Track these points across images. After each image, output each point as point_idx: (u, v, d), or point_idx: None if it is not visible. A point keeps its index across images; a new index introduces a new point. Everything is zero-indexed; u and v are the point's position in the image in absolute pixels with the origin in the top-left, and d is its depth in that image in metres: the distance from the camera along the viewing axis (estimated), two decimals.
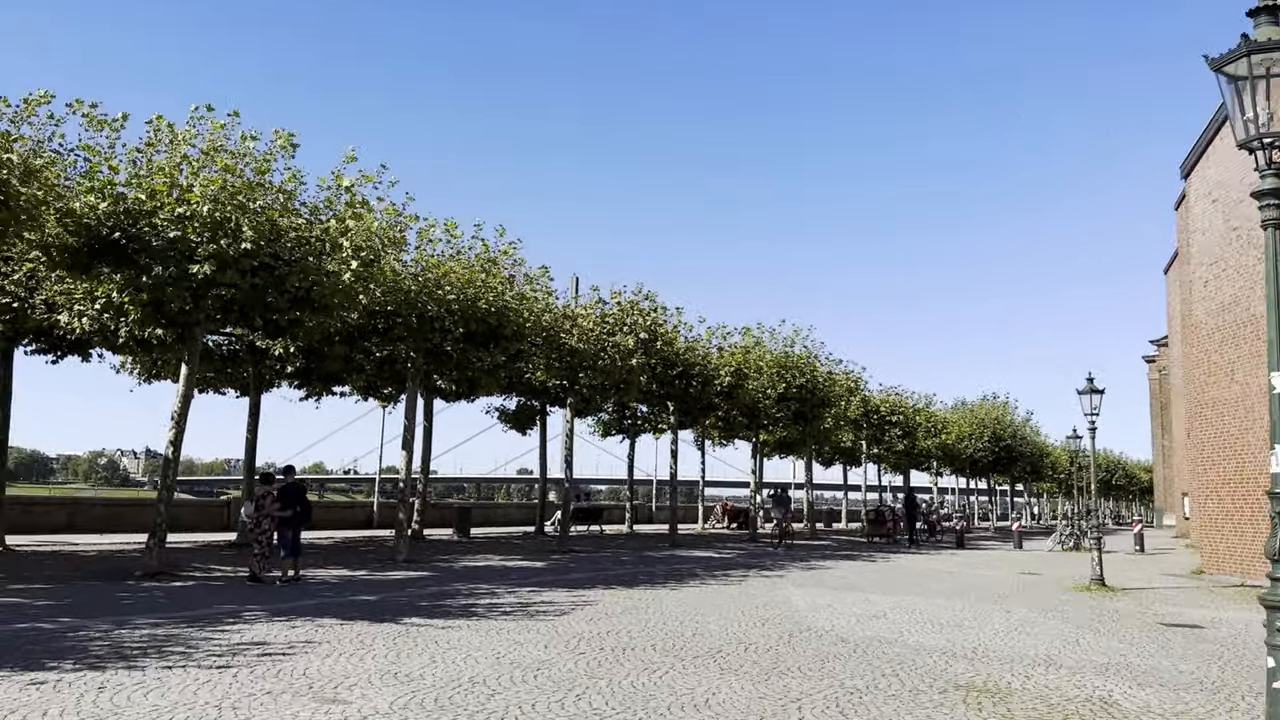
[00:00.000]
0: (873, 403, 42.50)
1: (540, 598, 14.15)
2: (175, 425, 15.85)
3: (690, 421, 31.10)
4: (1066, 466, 76.83)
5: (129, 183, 14.61)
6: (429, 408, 27.22)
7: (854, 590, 16.87)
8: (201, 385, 24.48)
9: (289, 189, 15.48)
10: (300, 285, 15.26)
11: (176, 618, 11.06)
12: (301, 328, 17.14)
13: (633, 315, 24.50)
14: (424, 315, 18.95)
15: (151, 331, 16.23)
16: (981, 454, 53.13)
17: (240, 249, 14.33)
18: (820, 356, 33.79)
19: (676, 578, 18.18)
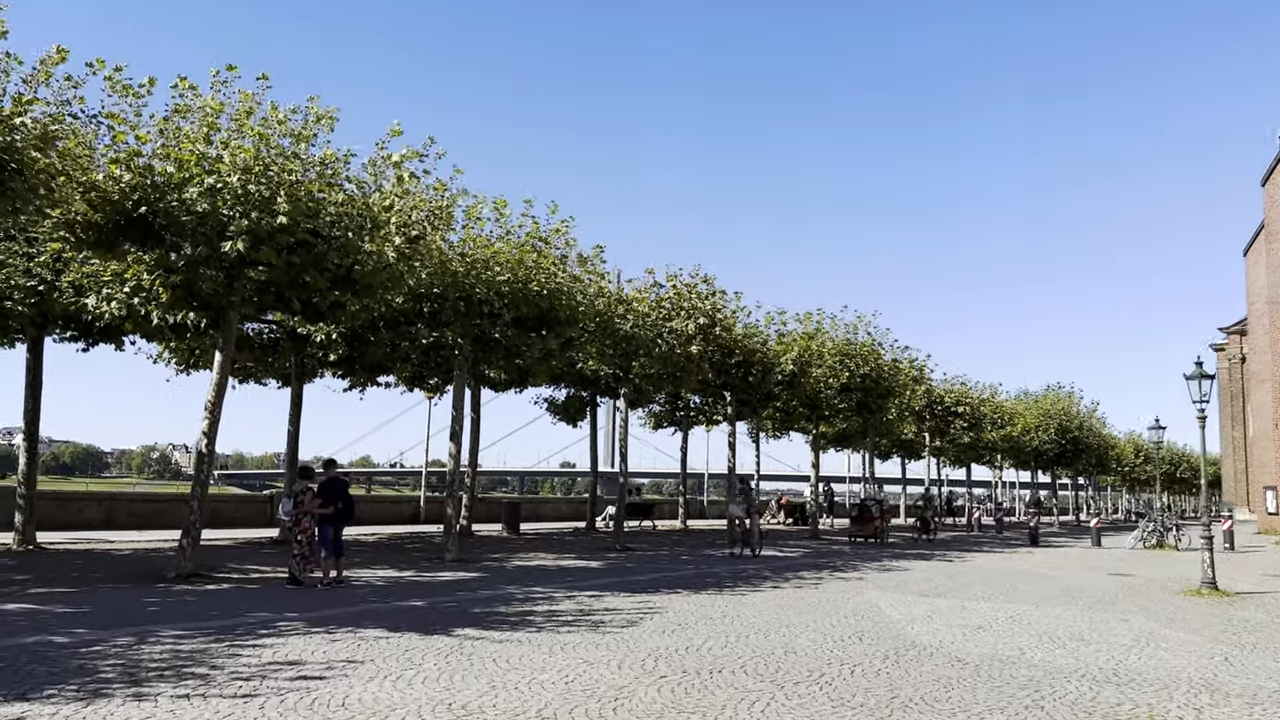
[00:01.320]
0: (936, 393, 40.58)
1: (602, 604, 12.84)
2: (209, 415, 14.78)
3: (749, 413, 29.59)
4: (1131, 459, 74.10)
5: (156, 154, 13.52)
6: (476, 398, 26.06)
7: (944, 596, 15.32)
8: (242, 375, 23.55)
9: (328, 162, 14.29)
10: (340, 264, 14.08)
11: (204, 629, 9.91)
12: (343, 311, 15.99)
13: (691, 299, 23.03)
14: (471, 298, 17.70)
15: (184, 316, 15.16)
16: (1048, 446, 50.90)
17: (275, 224, 13.16)
18: (885, 344, 32.04)
19: (745, 580, 16.76)
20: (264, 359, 22.06)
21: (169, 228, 13.38)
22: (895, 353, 32.91)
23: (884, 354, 31.83)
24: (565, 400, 32.21)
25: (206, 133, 13.53)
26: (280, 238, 13.44)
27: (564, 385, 29.56)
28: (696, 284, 23.51)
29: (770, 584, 16.36)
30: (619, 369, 23.77)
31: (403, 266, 14.88)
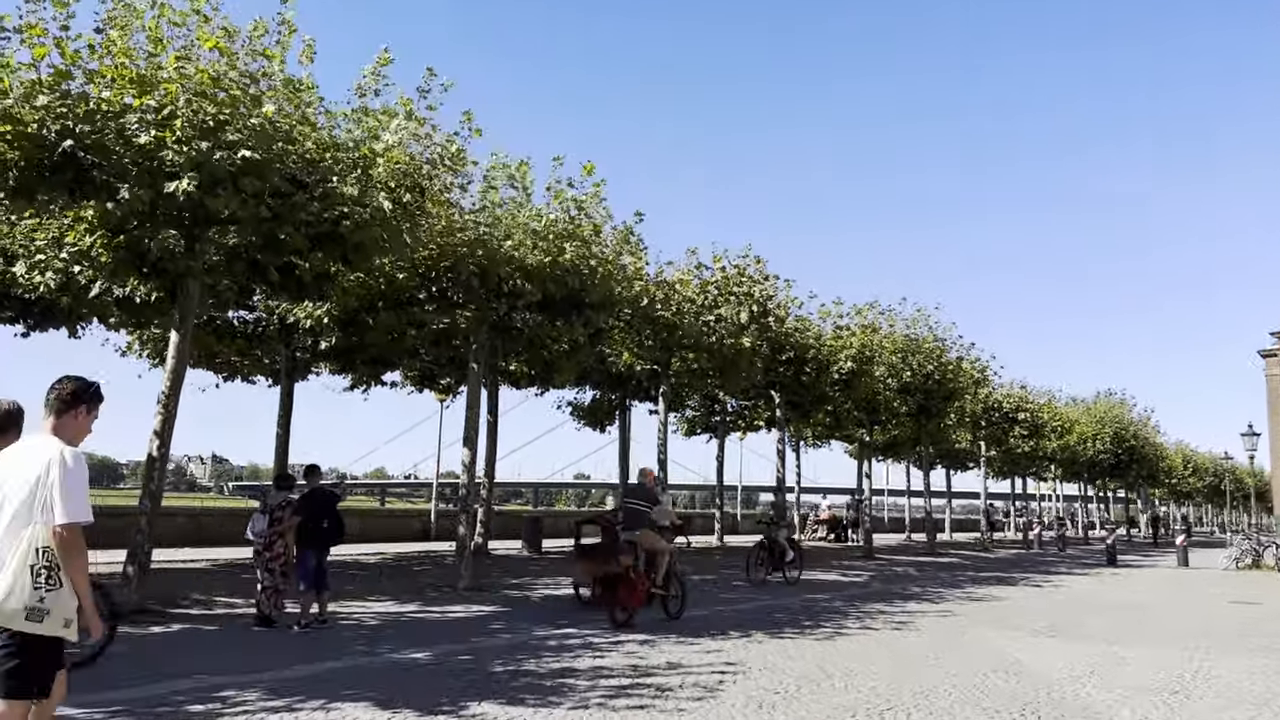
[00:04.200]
0: (994, 398, 37.20)
1: (660, 655, 9.76)
2: (163, 411, 11.82)
3: (800, 416, 26.42)
4: (1180, 471, 70.33)
5: (86, 73, 10.61)
6: (494, 398, 23.03)
7: (1075, 638, 12.16)
8: (227, 372, 20.64)
9: (302, 89, 11.34)
10: (323, 216, 11.10)
11: (111, 704, 6.89)
12: (332, 284, 13.06)
13: (742, 283, 19.89)
14: (488, 274, 14.68)
15: (133, 286, 12.24)
16: (1104, 456, 47.42)
17: (237, 159, 10.21)
18: (949, 340, 28.75)
19: (824, 617, 13.63)
20: (250, 351, 19.12)
21: (102, 167, 10.45)
22: (960, 350, 29.66)
23: (948, 352, 28.62)
24: (592, 403, 29.12)
25: (152, 49, 10.60)
26: (245, 181, 10.49)
27: (590, 385, 26.45)
28: (747, 266, 20.37)
29: (855, 621, 13.22)
30: (656, 364, 20.71)
31: (403, 222, 11.88)
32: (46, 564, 3.88)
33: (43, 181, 10.65)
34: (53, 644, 3.97)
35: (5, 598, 3.83)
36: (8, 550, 3.92)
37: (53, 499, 3.91)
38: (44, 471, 3.95)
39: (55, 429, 4.17)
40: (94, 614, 4.13)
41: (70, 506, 3.92)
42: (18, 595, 3.83)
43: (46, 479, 3.93)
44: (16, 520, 3.95)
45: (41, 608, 3.86)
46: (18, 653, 3.89)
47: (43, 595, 3.86)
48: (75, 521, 3.92)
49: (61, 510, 3.91)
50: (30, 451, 4.08)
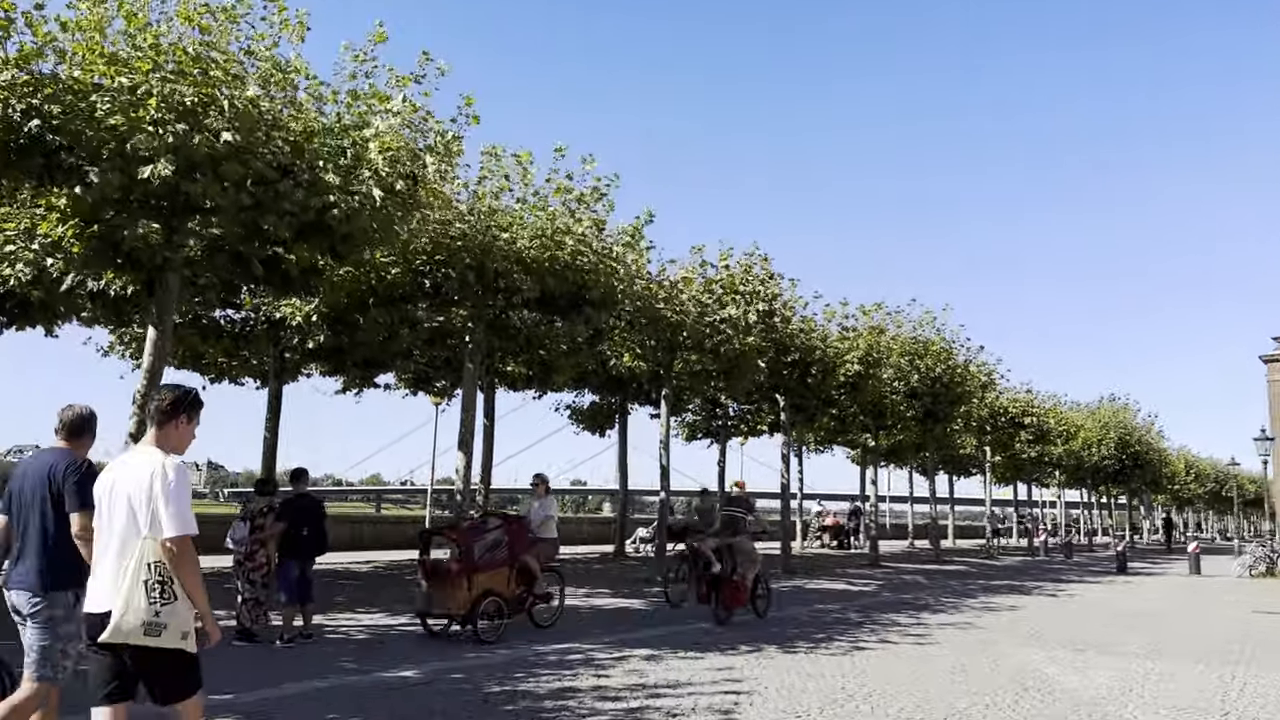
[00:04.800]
0: (1000, 402, 36.52)
1: (667, 672, 9.09)
2: (139, 413, 11.13)
3: (805, 420, 25.73)
4: (1183, 477, 69.72)
5: (59, 52, 9.96)
6: (490, 401, 22.31)
7: (1104, 651, 11.49)
8: (215, 374, 19.95)
9: (291, 70, 10.68)
10: (308, 204, 10.43)
11: None
12: (320, 279, 12.40)
13: (748, 282, 19.20)
14: (484, 269, 14.02)
15: (109, 279, 11.57)
16: (1108, 462, 46.76)
17: (218, 145, 9.56)
18: (957, 343, 28.07)
19: (837, 630, 12.95)
20: (237, 352, 18.41)
21: (71, 150, 9.79)
22: (968, 353, 28.98)
23: (956, 355, 27.94)
24: (591, 407, 28.40)
25: (127, 24, 9.94)
26: (226, 167, 9.84)
27: (589, 388, 25.75)
28: (753, 265, 19.71)
29: (870, 634, 12.55)
30: (659, 366, 20.04)
31: (394, 212, 11.21)
32: (159, 578, 3.91)
33: (8, 165, 9.98)
34: (177, 655, 3.99)
35: (123, 614, 3.85)
36: (120, 565, 3.96)
37: (159, 512, 3.93)
38: (148, 485, 3.97)
39: (158, 440, 4.19)
40: (213, 623, 4.14)
41: (177, 519, 3.94)
42: (134, 611, 3.85)
43: (151, 492, 3.95)
44: (127, 535, 3.99)
45: (158, 622, 3.87)
46: (148, 668, 3.97)
47: (158, 609, 3.87)
48: (184, 534, 3.95)
49: (169, 523, 3.93)
50: (135, 465, 4.09)
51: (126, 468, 4.12)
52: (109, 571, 4.00)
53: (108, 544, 4.06)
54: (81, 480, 4.75)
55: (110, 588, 3.95)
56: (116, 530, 4.03)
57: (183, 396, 4.30)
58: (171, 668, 4.00)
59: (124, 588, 3.88)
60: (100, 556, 4.09)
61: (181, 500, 3.98)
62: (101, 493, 4.16)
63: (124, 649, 3.92)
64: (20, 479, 4.95)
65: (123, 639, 3.87)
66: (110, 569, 4.00)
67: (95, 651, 4.03)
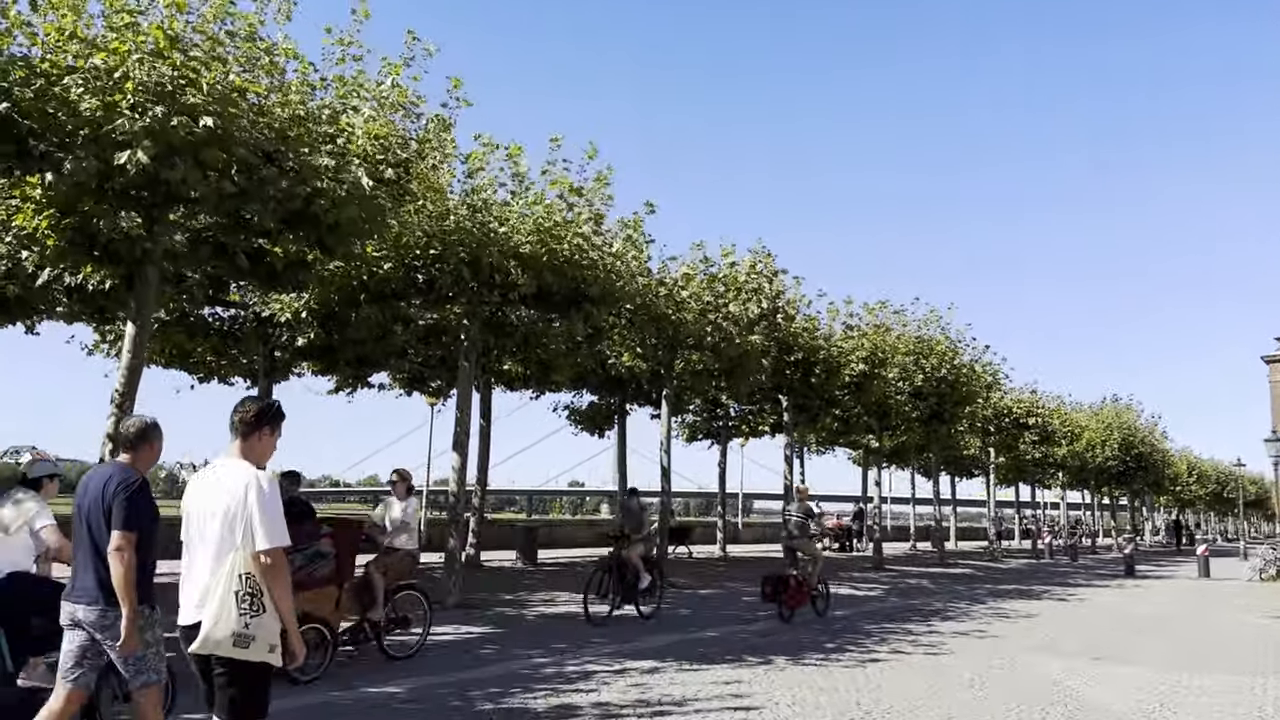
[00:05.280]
0: (1004, 403, 36.00)
1: (671, 686, 8.59)
2: (117, 413, 10.60)
3: (808, 420, 25.22)
4: (1185, 478, 69.25)
5: (33, 40, 9.45)
6: (487, 401, 21.80)
7: (1135, 663, 11.01)
8: (203, 373, 19.42)
9: (274, 51, 10.16)
10: (294, 192, 9.92)
11: None
12: (309, 273, 11.89)
13: (753, 278, 18.67)
14: (480, 263, 13.50)
15: (86, 273, 11.05)
16: (1112, 463, 46.28)
17: (194, 127, 9.04)
18: (963, 343, 27.54)
19: (846, 639, 12.45)
20: (226, 350, 17.88)
21: (43, 135, 9.27)
22: (974, 353, 28.47)
23: (962, 354, 27.43)
24: (590, 407, 27.88)
25: (105, 5, 9.44)
26: (207, 153, 9.32)
27: (588, 388, 25.23)
28: (756, 261, 19.19)
29: (881, 643, 12.05)
30: (660, 365, 19.52)
31: (384, 201, 10.69)
32: (250, 590, 3.93)
33: None
34: (263, 669, 4.00)
35: (214, 625, 3.86)
36: (212, 577, 3.97)
37: (253, 525, 3.96)
38: (240, 497, 4.00)
39: (243, 452, 4.22)
40: (298, 638, 4.18)
41: (270, 531, 3.98)
42: (225, 622, 3.87)
43: (244, 505, 3.98)
44: (220, 547, 4.00)
45: (247, 633, 3.88)
46: (232, 680, 3.96)
47: (248, 621, 3.89)
48: (276, 546, 3.99)
49: (262, 536, 3.96)
50: (223, 477, 4.12)
51: (215, 480, 4.16)
52: (200, 583, 4.03)
53: (197, 556, 4.10)
54: (130, 498, 4.72)
55: (201, 600, 3.99)
56: (209, 542, 4.05)
57: (266, 408, 4.34)
58: (251, 682, 4.00)
59: (215, 599, 3.90)
60: (189, 568, 4.13)
61: (275, 513, 4.03)
62: (189, 505, 4.21)
63: (210, 660, 3.96)
64: (83, 491, 4.95)
65: (211, 649, 3.89)
66: (201, 581, 4.03)
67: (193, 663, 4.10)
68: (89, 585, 4.76)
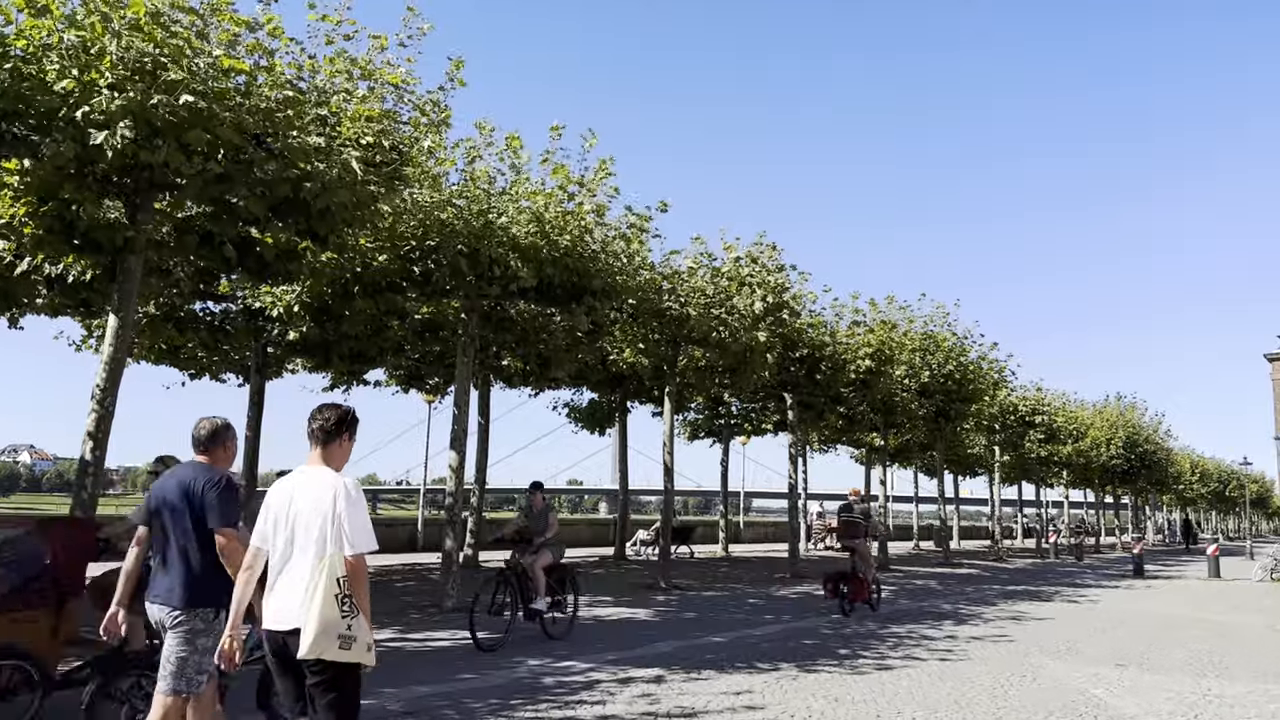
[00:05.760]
0: (1010, 401, 35.54)
1: (677, 697, 8.12)
2: (98, 408, 10.14)
3: (813, 418, 24.76)
4: (1188, 477, 68.87)
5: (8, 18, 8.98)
6: (485, 397, 21.33)
7: (1160, 670, 10.56)
8: (195, 369, 18.95)
9: (258, 26, 9.69)
10: (281, 176, 9.45)
11: None
12: (299, 264, 11.42)
13: (756, 271, 18.19)
14: (478, 255, 13.04)
15: (67, 263, 10.59)
16: (1117, 462, 45.83)
17: (176, 107, 8.58)
18: (970, 339, 27.08)
19: (859, 644, 11.99)
20: (217, 346, 17.40)
21: (18, 117, 8.80)
22: (980, 350, 28.03)
23: (969, 351, 26.98)
24: (590, 405, 27.41)
25: None
26: (190, 134, 8.86)
27: (588, 385, 24.76)
28: (760, 254, 18.71)
29: (895, 648, 11.59)
30: (662, 361, 19.05)
31: (378, 187, 10.23)
32: (346, 592, 4.00)
33: None
34: (354, 671, 4.07)
35: (319, 629, 3.91)
36: (308, 583, 4.02)
37: (343, 529, 4.07)
38: (331, 503, 4.12)
39: (325, 458, 4.34)
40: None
41: (359, 536, 4.10)
42: (329, 625, 3.93)
43: (335, 510, 4.10)
44: (314, 552, 4.09)
45: (350, 635, 3.97)
46: (333, 682, 4.01)
47: (349, 623, 3.98)
48: (364, 551, 4.10)
49: (352, 540, 4.07)
50: (312, 483, 4.24)
51: (302, 486, 4.26)
52: (293, 588, 4.08)
53: (287, 561, 4.15)
54: (222, 495, 4.79)
55: (297, 605, 4.02)
56: (298, 548, 4.14)
57: (345, 415, 4.44)
58: (350, 683, 4.08)
59: (316, 603, 3.94)
60: (277, 573, 4.18)
61: (362, 518, 4.15)
62: (277, 510, 4.27)
63: (306, 665, 3.99)
64: (159, 493, 4.95)
65: (318, 653, 3.93)
66: (294, 586, 4.08)
67: (280, 670, 4.15)
68: (171, 587, 4.76)
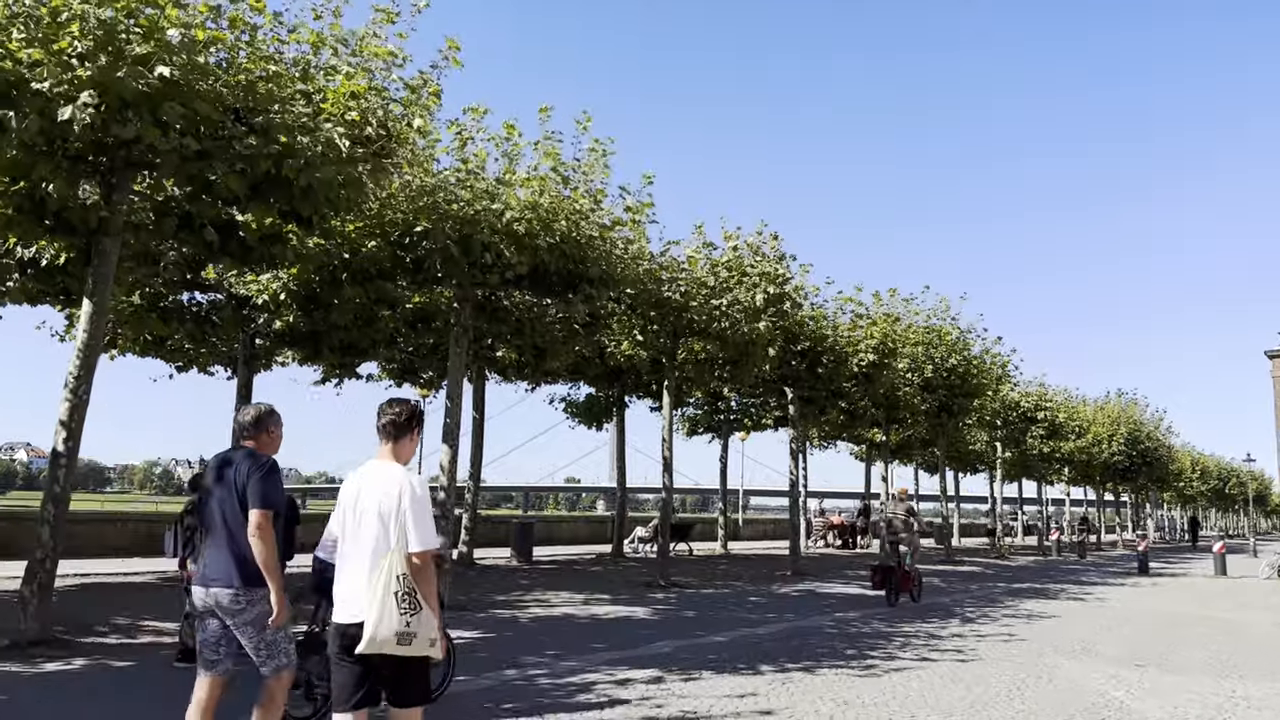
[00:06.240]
0: (1012, 396, 35.11)
1: (679, 702, 7.69)
2: (71, 398, 9.70)
3: (815, 413, 24.32)
4: (1188, 475, 68.54)
5: None
6: (480, 391, 20.87)
7: (1178, 671, 10.14)
8: (182, 362, 18.47)
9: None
10: (265, 152, 9.00)
11: None
12: (283, 248, 10.96)
13: (757, 262, 17.73)
14: (470, 241, 12.59)
15: (40, 246, 10.15)
16: (1118, 458, 45.44)
17: (151, 79, 8.13)
18: (974, 333, 26.66)
19: (866, 643, 11.56)
20: (204, 337, 16.92)
21: None
22: (984, 344, 27.60)
23: (973, 345, 26.55)
24: (588, 399, 26.96)
25: None
26: (164, 107, 8.40)
27: (585, 379, 24.30)
28: (761, 244, 18.25)
29: (903, 648, 11.17)
30: (661, 354, 18.60)
31: (362, 166, 9.78)
32: (407, 589, 4.05)
33: None
34: (421, 662, 4.19)
35: (377, 626, 3.98)
36: (369, 578, 4.10)
37: (407, 526, 4.13)
38: (397, 499, 4.18)
39: (395, 454, 4.40)
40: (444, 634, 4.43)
41: (422, 533, 4.14)
42: (388, 623, 3.99)
43: (399, 507, 4.16)
44: (377, 548, 4.16)
45: (409, 631, 4.02)
46: (397, 675, 4.13)
47: (409, 620, 4.02)
48: (428, 548, 4.15)
49: (416, 537, 4.13)
50: (380, 479, 4.30)
51: (370, 481, 4.32)
52: (358, 583, 4.15)
53: (352, 555, 4.25)
54: (264, 477, 4.82)
55: (361, 599, 4.10)
56: (364, 542, 4.21)
57: (415, 409, 4.51)
58: (415, 674, 4.19)
59: (376, 600, 4.01)
60: (344, 566, 4.28)
61: (426, 515, 4.20)
62: (345, 504, 4.34)
63: (374, 658, 4.07)
64: (212, 477, 4.99)
65: (377, 649, 4.00)
66: (358, 580, 4.16)
67: (341, 660, 4.20)
68: (223, 569, 4.76)
